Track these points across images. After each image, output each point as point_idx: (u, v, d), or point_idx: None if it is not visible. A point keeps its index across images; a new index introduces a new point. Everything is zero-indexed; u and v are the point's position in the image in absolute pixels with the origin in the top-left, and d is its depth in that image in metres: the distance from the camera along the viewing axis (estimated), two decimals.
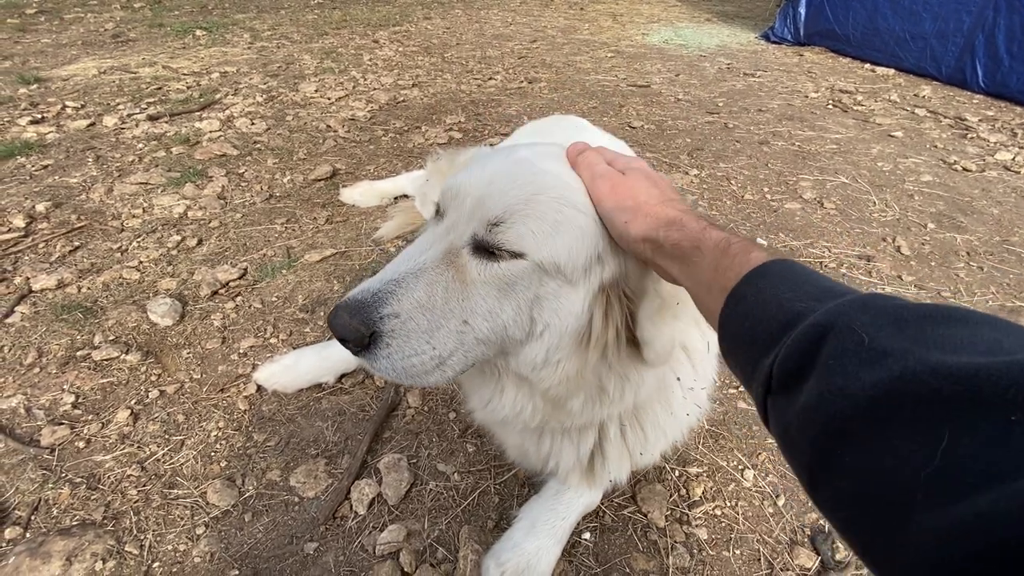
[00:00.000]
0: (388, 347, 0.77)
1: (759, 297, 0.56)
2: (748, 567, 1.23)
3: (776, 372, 0.50)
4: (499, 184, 0.80)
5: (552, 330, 0.82)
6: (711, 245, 0.65)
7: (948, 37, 4.81)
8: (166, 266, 2.05)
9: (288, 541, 1.21)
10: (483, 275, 0.79)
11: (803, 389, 0.46)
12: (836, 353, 0.44)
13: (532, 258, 0.78)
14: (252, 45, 5.07)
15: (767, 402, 0.52)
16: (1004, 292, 2.15)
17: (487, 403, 0.98)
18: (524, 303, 0.80)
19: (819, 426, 0.44)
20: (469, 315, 0.80)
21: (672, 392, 1.08)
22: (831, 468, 0.43)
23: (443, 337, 0.79)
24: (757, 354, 0.54)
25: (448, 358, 0.81)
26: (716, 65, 5.16)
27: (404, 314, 0.77)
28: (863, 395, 0.40)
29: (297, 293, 1.94)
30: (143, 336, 1.73)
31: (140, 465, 1.36)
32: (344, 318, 0.76)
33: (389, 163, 2.92)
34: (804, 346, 0.48)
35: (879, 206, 2.73)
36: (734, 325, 0.59)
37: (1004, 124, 3.90)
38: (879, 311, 0.46)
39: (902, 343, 0.41)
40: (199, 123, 3.25)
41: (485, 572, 1.15)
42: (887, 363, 0.40)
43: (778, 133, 3.58)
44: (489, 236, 0.78)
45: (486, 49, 5.36)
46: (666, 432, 1.12)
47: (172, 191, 2.53)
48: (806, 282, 0.55)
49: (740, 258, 0.61)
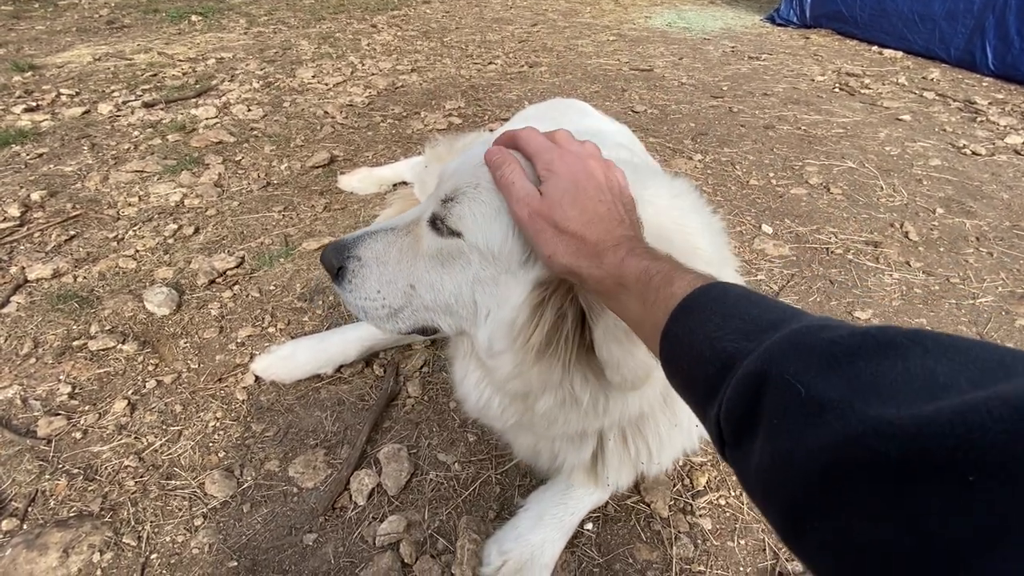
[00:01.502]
0: (350, 284, 0.92)
1: (691, 338, 0.53)
2: (753, 557, 1.21)
3: (724, 426, 0.48)
4: (462, 168, 0.86)
5: (493, 317, 0.84)
6: (632, 279, 0.61)
7: (958, 18, 4.70)
8: (163, 255, 2.02)
9: (287, 532, 1.20)
10: (430, 248, 0.87)
11: (755, 447, 0.45)
12: (777, 411, 0.43)
13: (468, 239, 0.81)
14: (248, 30, 4.99)
15: (725, 453, 0.50)
16: (1014, 278, 2.11)
17: (459, 384, 1.04)
18: (465, 283, 0.85)
19: (779, 497, 0.42)
20: (416, 281, 0.89)
21: (679, 403, 1.04)
22: (803, 539, 0.41)
23: (392, 292, 0.90)
24: (701, 401, 0.52)
25: (399, 312, 0.92)
26: (720, 48, 5.07)
27: (364, 260, 0.91)
28: (812, 464, 0.38)
29: (295, 282, 1.92)
30: (140, 326, 1.71)
31: (138, 456, 1.35)
32: (328, 251, 0.93)
33: (388, 149, 2.88)
34: (744, 400, 0.46)
35: (887, 191, 2.68)
36: (673, 369, 0.57)
37: (1014, 107, 3.83)
38: (808, 351, 0.43)
39: (838, 391, 0.39)
40: (195, 110, 3.20)
41: (486, 557, 1.14)
42: (827, 420, 0.38)
43: (784, 117, 3.52)
44: (440, 210, 0.84)
45: (486, 33, 5.27)
46: (672, 443, 1.10)
47: (168, 179, 2.49)
48: (734, 313, 0.52)
49: (663, 291, 0.58)
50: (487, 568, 1.12)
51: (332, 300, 1.84)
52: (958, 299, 1.99)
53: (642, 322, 0.61)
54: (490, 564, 1.12)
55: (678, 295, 0.56)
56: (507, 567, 1.10)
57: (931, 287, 2.05)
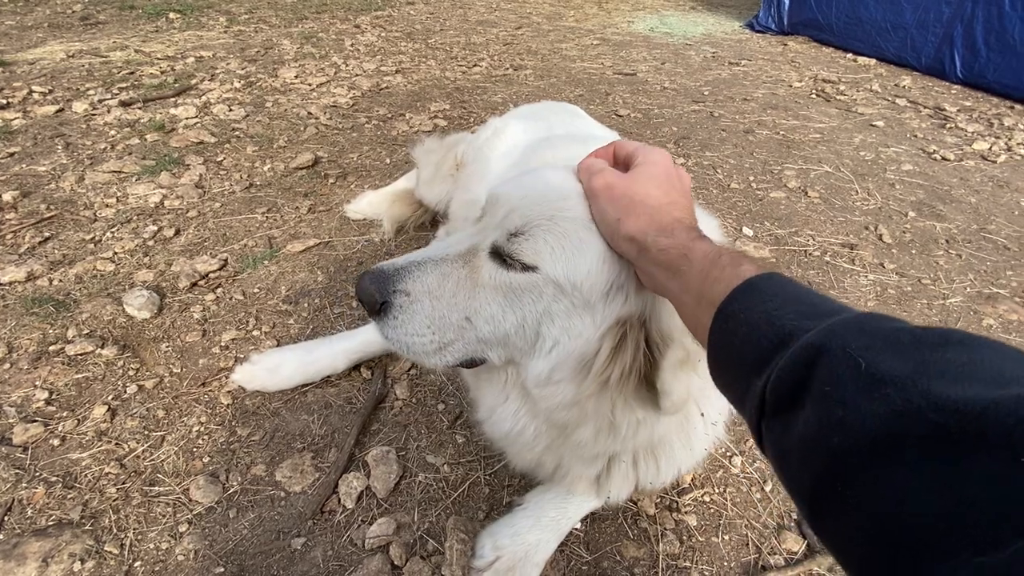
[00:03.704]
0: (395, 319, 0.85)
1: (748, 314, 0.55)
2: (736, 552, 1.24)
3: (769, 396, 0.49)
4: (530, 199, 0.83)
5: (560, 348, 0.83)
6: (700, 255, 0.63)
7: (928, 27, 4.86)
8: (142, 257, 1.98)
9: (275, 537, 1.19)
10: (493, 279, 0.83)
11: (799, 416, 0.45)
12: (832, 379, 0.43)
13: (546, 272, 0.79)
14: (228, 29, 4.91)
15: (761, 425, 0.51)
16: (981, 279, 2.20)
17: (492, 412, 0.99)
18: (531, 315, 0.82)
19: (820, 461, 0.42)
20: (472, 314, 0.84)
21: (694, 428, 1.08)
22: (834, 505, 0.41)
23: (444, 326, 0.84)
24: (748, 374, 0.53)
25: (448, 345, 0.86)
26: (702, 54, 5.16)
27: (414, 294, 0.84)
28: (864, 430, 0.39)
29: (280, 284, 1.90)
30: (119, 330, 1.68)
31: (119, 462, 1.32)
32: (366, 282, 0.85)
33: (372, 151, 2.86)
34: (797, 369, 0.46)
35: (861, 195, 2.76)
36: (723, 343, 0.57)
37: (981, 114, 3.97)
38: (874, 333, 0.44)
39: (901, 369, 0.40)
40: (174, 109, 3.14)
41: (480, 550, 1.15)
42: (887, 392, 0.39)
43: (763, 122, 3.60)
44: (507, 245, 0.81)
45: (470, 35, 5.28)
46: (681, 465, 1.13)
47: (147, 180, 2.45)
48: (796, 298, 0.54)
49: (729, 270, 0.60)
50: (480, 561, 1.13)
51: (318, 303, 1.83)
52: (929, 299, 2.06)
53: (697, 294, 0.62)
54: (483, 557, 1.13)
55: (743, 275, 0.58)
56: (501, 563, 1.12)
57: (904, 288, 2.12)
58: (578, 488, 1.18)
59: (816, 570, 1.21)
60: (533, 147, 1.68)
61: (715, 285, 0.59)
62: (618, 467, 1.11)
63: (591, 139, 1.82)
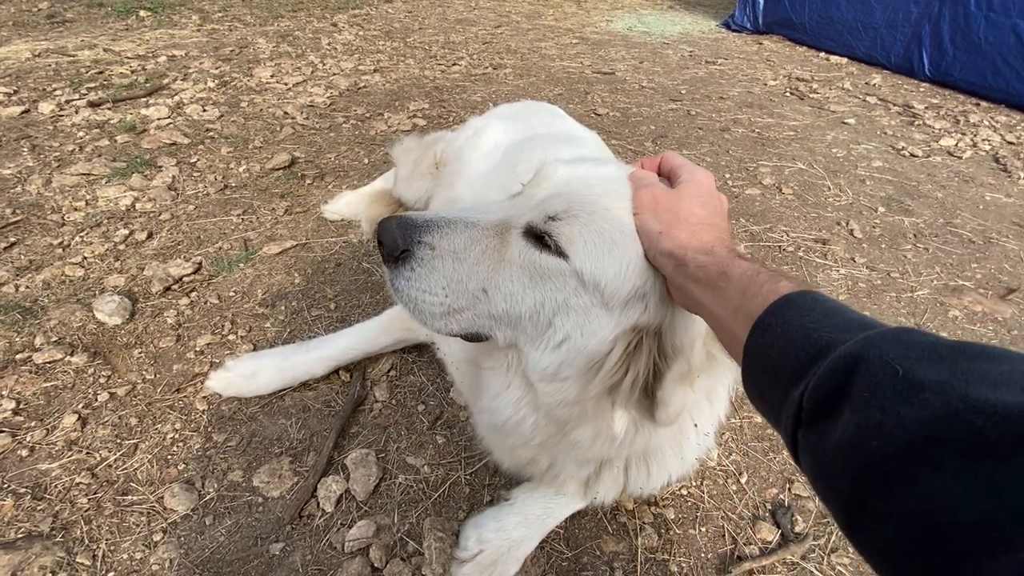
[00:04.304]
0: (412, 271, 0.82)
1: (785, 328, 0.56)
2: (713, 543, 1.27)
3: (807, 404, 0.49)
4: (576, 188, 0.83)
5: (571, 344, 0.82)
6: (739, 272, 0.65)
7: (897, 27, 4.98)
8: (113, 262, 1.94)
9: (252, 543, 1.18)
10: (522, 258, 0.82)
11: (837, 423, 0.45)
12: (870, 385, 0.44)
13: (574, 264, 0.79)
14: (202, 27, 4.82)
15: (797, 435, 0.51)
16: (948, 271, 2.27)
17: (494, 397, 0.97)
18: (549, 303, 0.81)
19: (858, 465, 0.42)
20: (491, 287, 0.82)
21: (687, 438, 1.10)
22: (872, 510, 0.41)
23: (460, 292, 0.83)
24: (784, 385, 0.53)
25: (457, 313, 0.84)
26: (679, 53, 5.21)
27: (438, 250, 0.82)
28: (902, 434, 0.39)
29: (256, 287, 1.87)
30: (89, 336, 1.64)
31: (90, 472, 1.29)
32: (392, 225, 0.82)
33: (350, 151, 2.84)
34: (835, 377, 0.47)
35: (833, 191, 2.83)
36: (760, 356, 0.58)
37: (948, 111, 4.09)
38: (911, 344, 0.45)
39: (938, 375, 0.40)
40: (145, 110, 3.08)
41: (464, 541, 1.16)
42: (925, 397, 0.39)
43: (739, 120, 3.65)
44: (543, 226, 0.80)
45: (449, 34, 5.25)
46: (671, 473, 1.15)
47: (118, 182, 2.39)
48: (833, 313, 0.55)
49: (767, 286, 0.61)
50: (463, 553, 1.14)
51: (295, 305, 1.81)
52: (898, 292, 2.12)
53: (735, 309, 0.63)
54: (467, 549, 1.14)
55: (781, 291, 0.60)
56: (484, 556, 1.13)
57: (874, 281, 2.17)
58: (568, 488, 1.19)
59: (790, 558, 1.24)
60: (518, 147, 1.69)
61: (753, 300, 0.61)
62: (609, 471, 1.12)
63: (574, 139, 1.83)
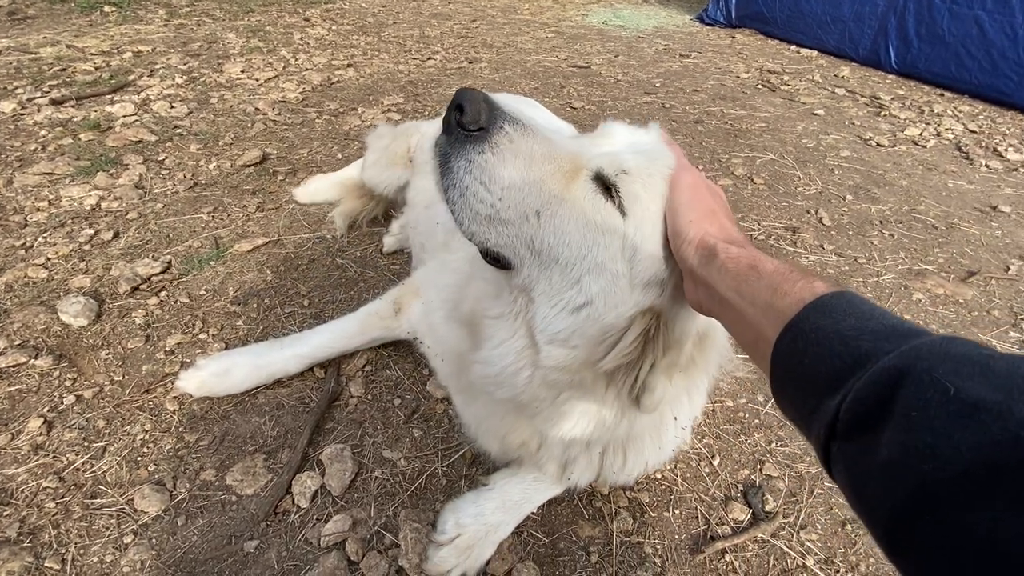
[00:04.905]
0: (481, 154, 0.74)
1: (820, 333, 0.53)
2: (687, 525, 1.29)
3: (844, 416, 0.47)
4: (648, 153, 0.82)
5: (591, 311, 0.80)
6: (770, 268, 0.63)
7: (864, 20, 5.10)
8: (78, 262, 1.89)
9: (226, 541, 1.17)
10: (586, 200, 0.78)
11: (881, 441, 0.43)
12: (918, 404, 0.41)
13: (628, 226, 0.77)
14: (169, 22, 4.70)
15: (831, 447, 0.49)
16: (912, 256, 2.34)
17: (497, 345, 0.93)
18: (590, 258, 0.78)
19: (907, 489, 0.40)
20: (546, 214, 0.77)
21: (666, 430, 1.12)
22: (920, 536, 0.39)
23: (513, 203, 0.76)
24: (818, 393, 0.51)
25: (499, 224, 0.78)
26: (654, 46, 5.26)
27: (516, 144, 0.75)
28: (958, 459, 0.37)
29: (227, 285, 1.84)
30: (54, 339, 1.60)
31: (57, 476, 1.26)
32: (478, 98, 0.73)
33: (324, 146, 2.81)
34: (878, 391, 0.44)
35: (803, 180, 2.89)
36: (791, 361, 0.55)
37: (913, 102, 4.20)
38: (961, 358, 0.43)
39: (995, 395, 0.38)
40: (111, 107, 2.99)
41: (442, 525, 1.17)
42: (982, 420, 0.38)
43: (712, 112, 3.70)
44: (615, 178, 0.78)
45: (424, 28, 5.21)
46: (648, 462, 1.16)
47: (82, 181, 2.33)
48: (871, 318, 0.52)
49: (801, 284, 0.59)
50: (441, 536, 1.15)
51: (268, 303, 1.79)
52: (864, 277, 2.18)
53: (766, 304, 0.61)
54: (445, 533, 1.15)
55: (816, 291, 0.57)
56: (461, 540, 1.14)
57: (842, 267, 2.23)
58: (548, 469, 1.20)
59: (761, 536, 1.27)
60: None
61: (785, 298, 0.58)
62: (586, 454, 1.14)
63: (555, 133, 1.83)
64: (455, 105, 0.74)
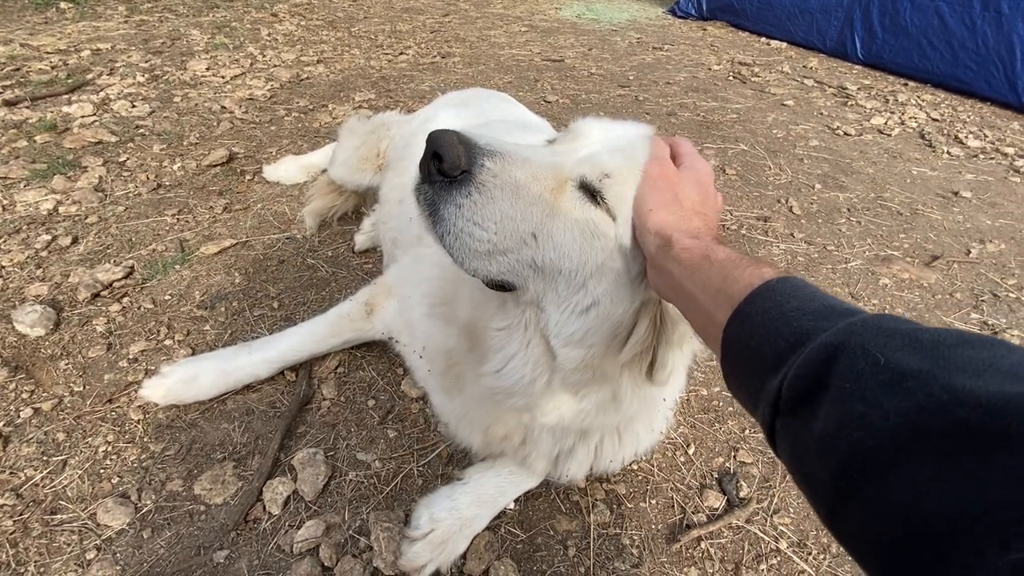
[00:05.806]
0: (467, 198, 0.74)
1: (766, 316, 0.55)
2: (663, 514, 1.30)
3: (785, 392, 0.49)
4: (621, 150, 0.82)
5: (599, 310, 0.83)
6: (721, 257, 0.65)
7: (831, 12, 5.19)
8: (34, 269, 1.82)
9: (195, 552, 1.14)
10: (577, 210, 0.79)
11: (818, 414, 0.45)
12: (851, 375, 0.43)
13: (619, 227, 0.79)
14: (129, 19, 4.54)
15: (775, 424, 0.51)
16: (878, 242, 2.39)
17: (510, 358, 0.93)
18: (591, 263, 0.80)
19: (840, 456, 0.42)
20: (542, 234, 0.78)
21: (656, 411, 1.14)
22: (854, 502, 0.41)
23: (509, 232, 0.77)
24: (763, 373, 0.53)
25: (500, 255, 0.78)
26: (627, 39, 5.27)
27: (500, 177, 0.75)
28: (886, 425, 0.39)
29: (194, 289, 1.79)
30: (9, 350, 1.53)
31: (15, 493, 1.21)
32: (453, 140, 0.72)
33: (293, 144, 2.75)
34: (815, 366, 0.46)
35: (774, 170, 2.93)
36: (739, 344, 0.58)
37: (878, 92, 4.30)
38: (892, 332, 0.44)
39: (921, 364, 0.40)
40: (68, 107, 2.88)
41: (415, 520, 1.16)
42: (908, 387, 0.39)
43: (685, 104, 3.73)
44: (598, 184, 0.79)
45: (396, 23, 5.14)
46: (639, 446, 1.17)
47: (37, 185, 2.23)
48: (813, 299, 0.55)
49: (750, 270, 0.61)
50: (415, 531, 1.14)
51: (236, 306, 1.74)
52: (833, 264, 2.22)
53: (716, 291, 0.63)
54: (419, 528, 1.14)
55: (764, 277, 0.59)
56: (435, 535, 1.13)
57: (811, 255, 2.27)
58: (537, 467, 1.19)
59: (735, 523, 1.29)
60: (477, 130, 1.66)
61: (734, 285, 0.60)
62: (585, 445, 1.13)
63: (529, 126, 1.82)
64: (431, 154, 0.73)
